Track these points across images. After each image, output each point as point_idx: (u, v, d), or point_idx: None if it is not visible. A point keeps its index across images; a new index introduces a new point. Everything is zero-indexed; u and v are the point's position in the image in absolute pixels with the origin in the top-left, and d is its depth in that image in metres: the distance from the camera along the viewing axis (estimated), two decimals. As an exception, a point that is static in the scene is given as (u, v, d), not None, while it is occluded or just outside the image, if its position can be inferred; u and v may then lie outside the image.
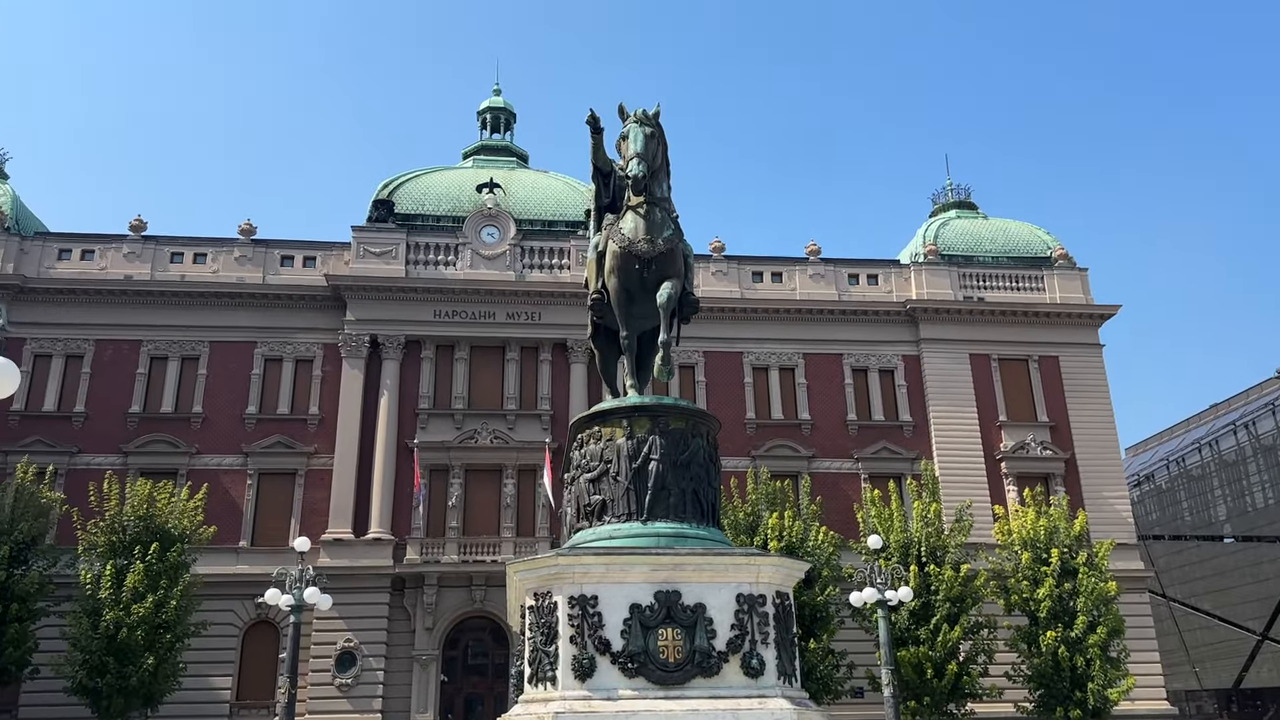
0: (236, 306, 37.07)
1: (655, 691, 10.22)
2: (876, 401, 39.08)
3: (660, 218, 13.10)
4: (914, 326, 40.00)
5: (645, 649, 10.33)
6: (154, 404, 35.84)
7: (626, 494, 11.53)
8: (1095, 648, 29.03)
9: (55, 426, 35.02)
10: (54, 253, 37.06)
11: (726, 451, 36.04)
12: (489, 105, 45.66)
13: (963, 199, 45.90)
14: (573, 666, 10.23)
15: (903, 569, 29.52)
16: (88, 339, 36.14)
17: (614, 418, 12.02)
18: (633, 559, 10.71)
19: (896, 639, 29.24)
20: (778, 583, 10.99)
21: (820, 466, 37.70)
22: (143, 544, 27.08)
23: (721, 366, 38.61)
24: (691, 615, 10.52)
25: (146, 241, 37.64)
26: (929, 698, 28.85)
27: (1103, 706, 28.91)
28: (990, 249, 42.60)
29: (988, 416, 39.03)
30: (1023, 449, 38.57)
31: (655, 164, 13.17)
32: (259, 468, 35.48)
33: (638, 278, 12.90)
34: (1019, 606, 30.59)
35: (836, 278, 40.58)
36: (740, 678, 10.42)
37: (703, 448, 12.06)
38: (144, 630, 26.20)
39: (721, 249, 40.29)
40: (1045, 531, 30.92)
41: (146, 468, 34.23)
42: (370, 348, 36.51)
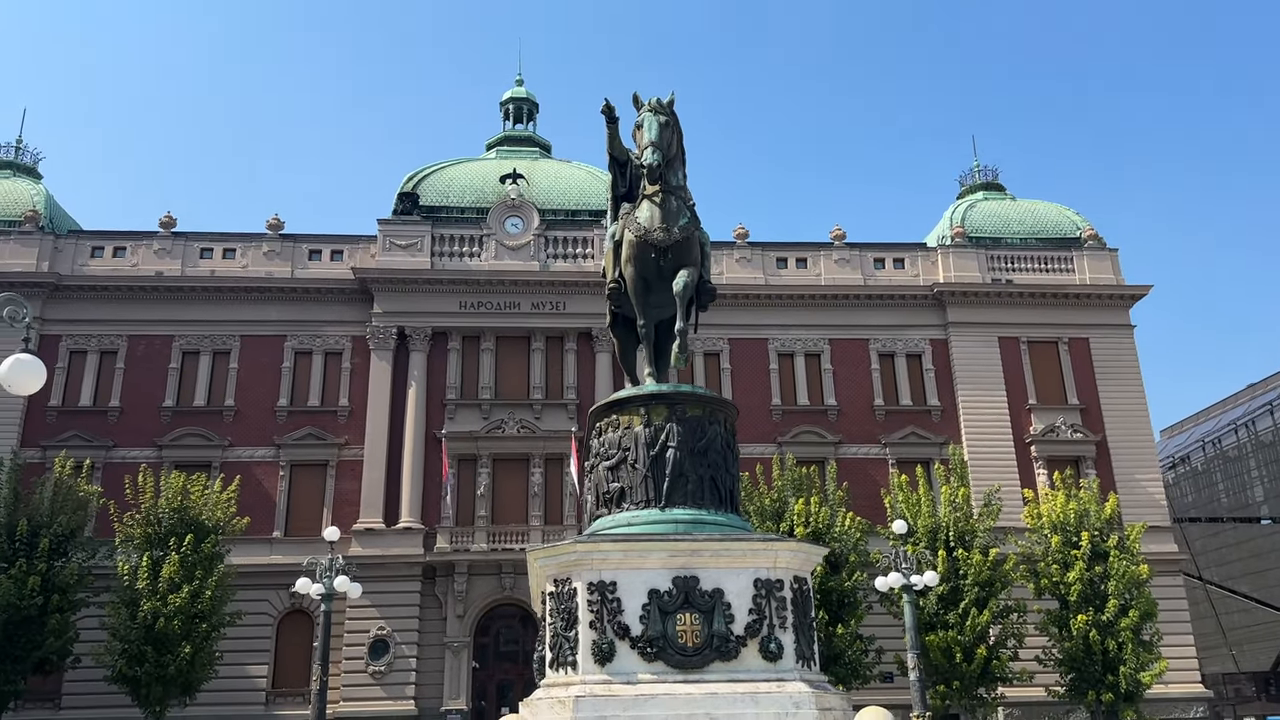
0: (266, 300, 37.51)
1: (674, 675, 10.34)
2: (904, 386, 38.91)
3: (676, 206, 13.14)
4: (941, 310, 39.76)
5: (664, 634, 10.44)
6: (187, 398, 36.39)
7: (645, 481, 11.62)
8: (1127, 631, 28.85)
9: (91, 421, 35.66)
10: (87, 250, 37.66)
11: (752, 438, 36.77)
12: (511, 96, 45.81)
13: (990, 180, 45.48)
14: (592, 651, 10.36)
15: (930, 554, 29.61)
16: (121, 335, 36.73)
17: (631, 406, 12.12)
18: (650, 545, 10.82)
19: (925, 623, 29.26)
20: (795, 567, 11.05)
21: (847, 452, 37.65)
22: (178, 536, 27.56)
23: (747, 353, 38.60)
24: (709, 600, 10.61)
25: (176, 238, 38.17)
26: (958, 682, 28.81)
27: (1135, 690, 28.74)
28: (1018, 230, 42.22)
29: (1017, 400, 38.75)
30: (1053, 432, 38.27)
31: (670, 153, 13.21)
32: (291, 459, 35.95)
33: (654, 266, 12.96)
34: (1049, 590, 30.44)
35: (862, 262, 40.40)
36: (758, 661, 10.51)
37: (720, 434, 12.12)
38: (180, 620, 26.69)
39: (745, 235, 40.23)
40: (1075, 515, 30.72)
41: (181, 460, 34.78)
42: (398, 339, 36.85)
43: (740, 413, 37.50)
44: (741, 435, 37.12)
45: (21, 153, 41.14)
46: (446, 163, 42.00)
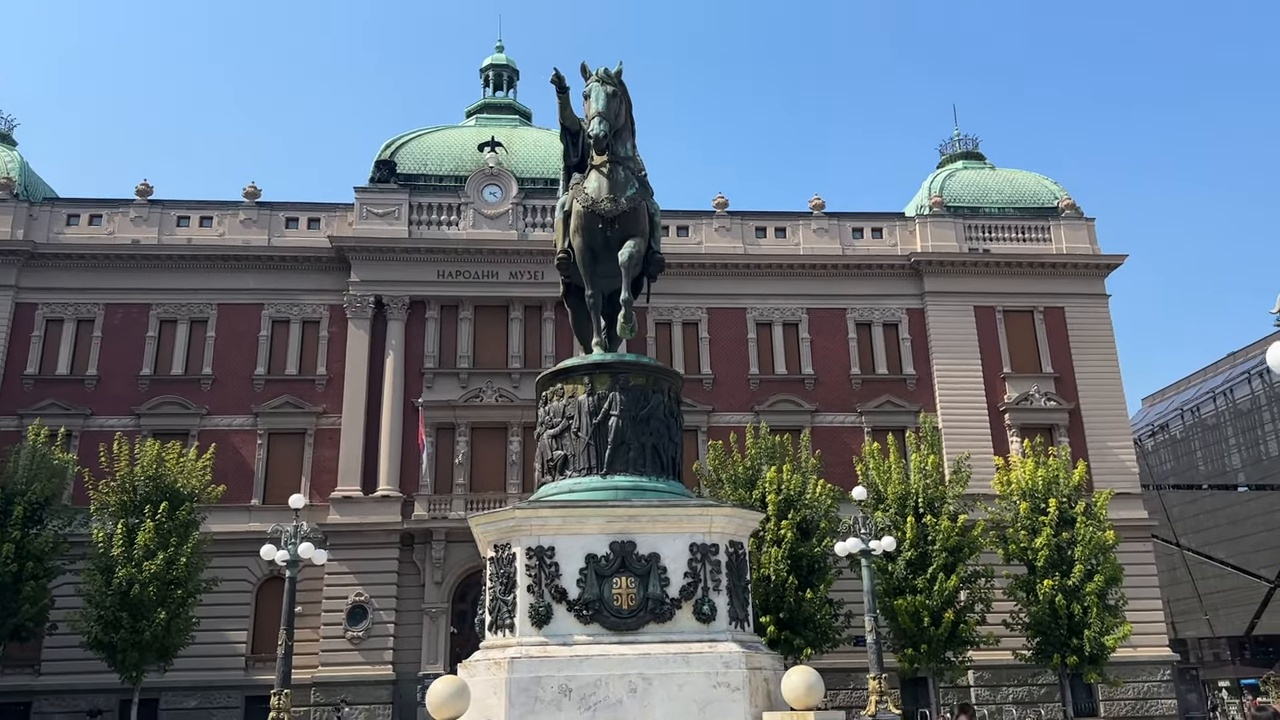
0: (243, 269, 37.50)
1: (609, 637, 10.59)
2: (880, 355, 39.14)
3: (624, 176, 13.25)
4: (918, 279, 39.92)
5: (600, 597, 10.69)
6: (164, 366, 36.46)
7: (587, 449, 11.84)
8: (1092, 595, 29.26)
9: (68, 389, 35.75)
10: (62, 218, 37.56)
11: (730, 407, 37.16)
12: (491, 63, 45.58)
13: (970, 149, 45.52)
14: (530, 614, 10.60)
15: (900, 520, 29.98)
16: (98, 303, 36.72)
17: (576, 375, 12.30)
18: (588, 511, 11.04)
19: (895, 588, 29.74)
20: (731, 532, 11.28)
21: (823, 421, 37.94)
22: (153, 503, 27.75)
23: (725, 322, 38.76)
24: (646, 564, 10.84)
25: (153, 206, 38.08)
26: (926, 645, 29.26)
27: (1099, 653, 29.21)
28: (996, 200, 42.31)
29: (992, 368, 39.02)
30: (1026, 400, 38.58)
31: (618, 123, 13.29)
32: (269, 428, 36.11)
33: (601, 237, 13.09)
34: (1017, 556, 30.85)
35: (840, 232, 40.48)
36: (692, 623, 10.76)
37: (663, 403, 12.31)
38: (155, 586, 26.92)
39: (725, 205, 40.26)
40: (1044, 482, 31.07)
41: (158, 429, 34.89)
42: (375, 308, 36.91)
43: (718, 382, 37.90)
44: (719, 404, 37.68)
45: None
46: (425, 130, 41.87)
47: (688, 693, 10.22)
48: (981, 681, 34.95)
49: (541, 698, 10.10)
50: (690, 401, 37.32)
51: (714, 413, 37.25)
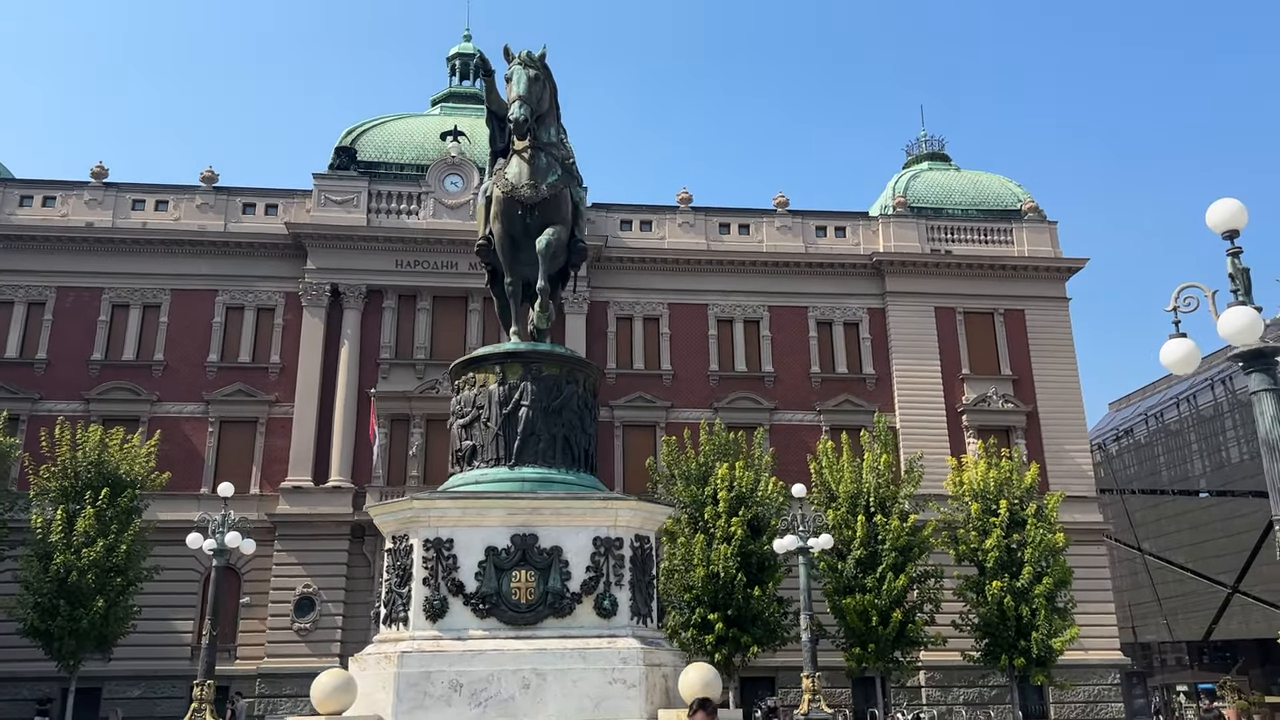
0: (198, 254, 37.02)
1: (506, 631, 10.39)
2: (840, 354, 39.09)
3: (545, 163, 13.02)
4: (880, 279, 39.89)
5: (498, 590, 10.48)
6: (116, 351, 35.95)
7: (495, 439, 11.62)
8: (1040, 598, 29.32)
9: (17, 373, 35.19)
10: (15, 199, 36.97)
11: (689, 403, 36.99)
12: (458, 51, 45.19)
13: (936, 150, 45.55)
14: (424, 608, 10.39)
15: (852, 518, 29.93)
16: (50, 286, 36.17)
17: (487, 364, 12.08)
18: (489, 503, 10.83)
19: (843, 587, 29.70)
20: (636, 526, 11.10)
21: (782, 419, 37.84)
22: (94, 489, 27.33)
23: (686, 318, 38.59)
24: (547, 558, 10.64)
25: (108, 189, 37.53)
26: (874, 644, 29.22)
27: (1046, 655, 29.27)
28: (960, 201, 42.33)
29: (951, 369, 39.04)
30: (984, 402, 38.64)
31: (541, 108, 13.05)
32: (220, 415, 35.68)
33: (521, 224, 12.86)
34: (967, 556, 30.88)
35: (804, 230, 40.39)
36: (593, 618, 10.58)
37: (577, 394, 12.11)
38: (95, 574, 26.53)
39: (689, 200, 40.05)
40: (995, 483, 31.10)
41: (108, 415, 34.37)
42: (331, 297, 36.53)
43: (678, 378, 37.65)
44: (679, 400, 37.41)
45: (-50, 98, 40.08)
46: (388, 117, 41.48)
47: (582, 689, 10.03)
48: (933, 682, 34.98)
49: (430, 693, 9.89)
50: (649, 397, 37.28)
51: (673, 409, 37.09)
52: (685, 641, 29.27)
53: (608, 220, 38.88)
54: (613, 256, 38.18)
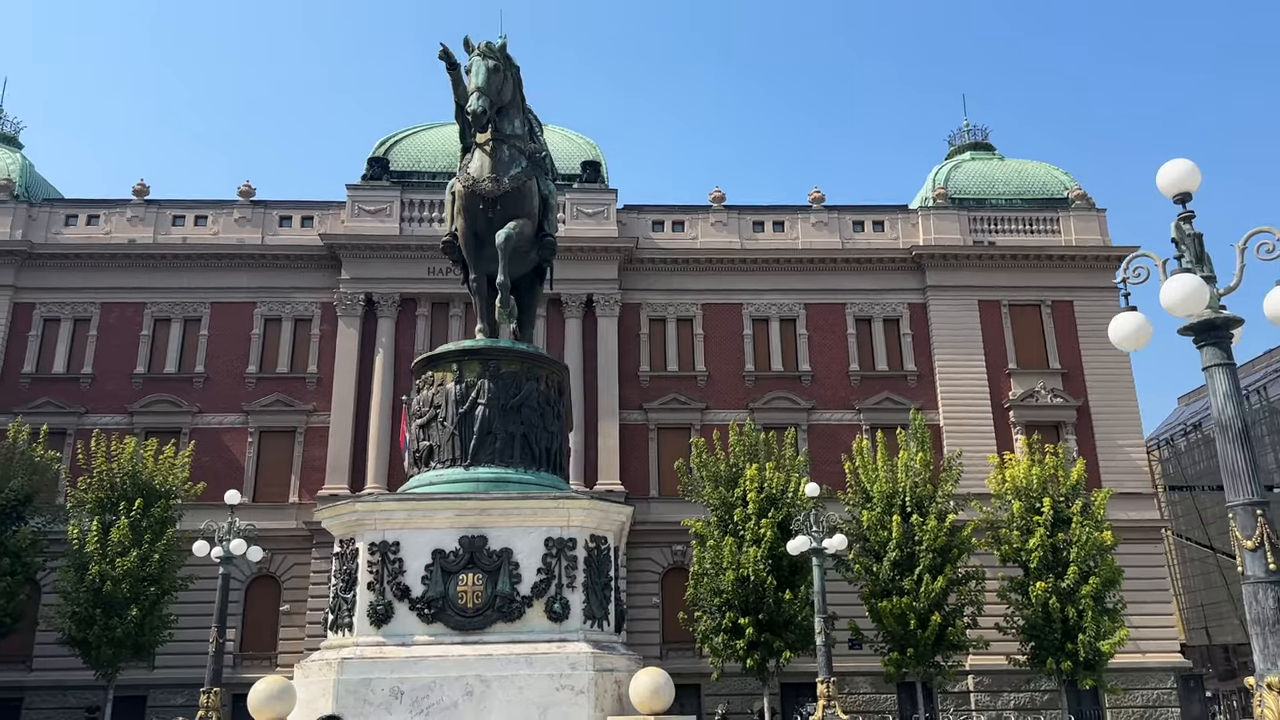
0: (236, 267, 37.56)
1: (452, 637, 10.08)
2: (880, 351, 38.17)
3: (508, 155, 12.71)
4: (920, 274, 38.89)
5: (445, 594, 10.18)
6: (158, 365, 36.62)
7: (452, 439, 11.35)
8: (1088, 598, 28.18)
9: (64, 388, 36.04)
10: (61, 219, 37.91)
11: (725, 404, 36.42)
12: (491, 60, 45.23)
13: (979, 140, 44.32)
14: (368, 613, 10.13)
15: (888, 518, 29.09)
16: (94, 302, 36.99)
17: (445, 362, 11.81)
18: (436, 504, 10.54)
19: (880, 590, 28.87)
20: (592, 526, 10.71)
21: (820, 418, 37.07)
22: (128, 500, 27.78)
23: (720, 318, 38.04)
24: (496, 560, 10.31)
25: (149, 205, 38.28)
26: (913, 649, 28.34)
27: (1094, 658, 28.12)
28: (1004, 191, 41.10)
29: (996, 364, 37.86)
30: (1032, 397, 37.38)
31: (503, 99, 12.75)
32: (259, 425, 36.11)
33: (484, 219, 12.57)
34: (1010, 557, 29.85)
35: (840, 226, 39.57)
36: (544, 622, 10.22)
37: (537, 391, 11.76)
38: (129, 583, 26.92)
39: (721, 199, 39.52)
40: (1039, 480, 30.00)
41: (151, 427, 35.04)
42: (365, 306, 36.77)
43: (712, 379, 37.08)
44: (714, 401, 36.88)
45: (2, 122, 41.36)
46: (420, 127, 41.69)
47: (528, 695, 9.67)
48: (981, 687, 33.87)
49: (370, 700, 9.61)
50: (684, 399, 36.81)
51: (708, 410, 36.56)
52: (716, 647, 28.75)
53: (638, 221, 38.56)
54: (644, 258, 37.83)
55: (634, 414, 36.29)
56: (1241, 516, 6.95)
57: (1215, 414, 7.35)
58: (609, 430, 35.43)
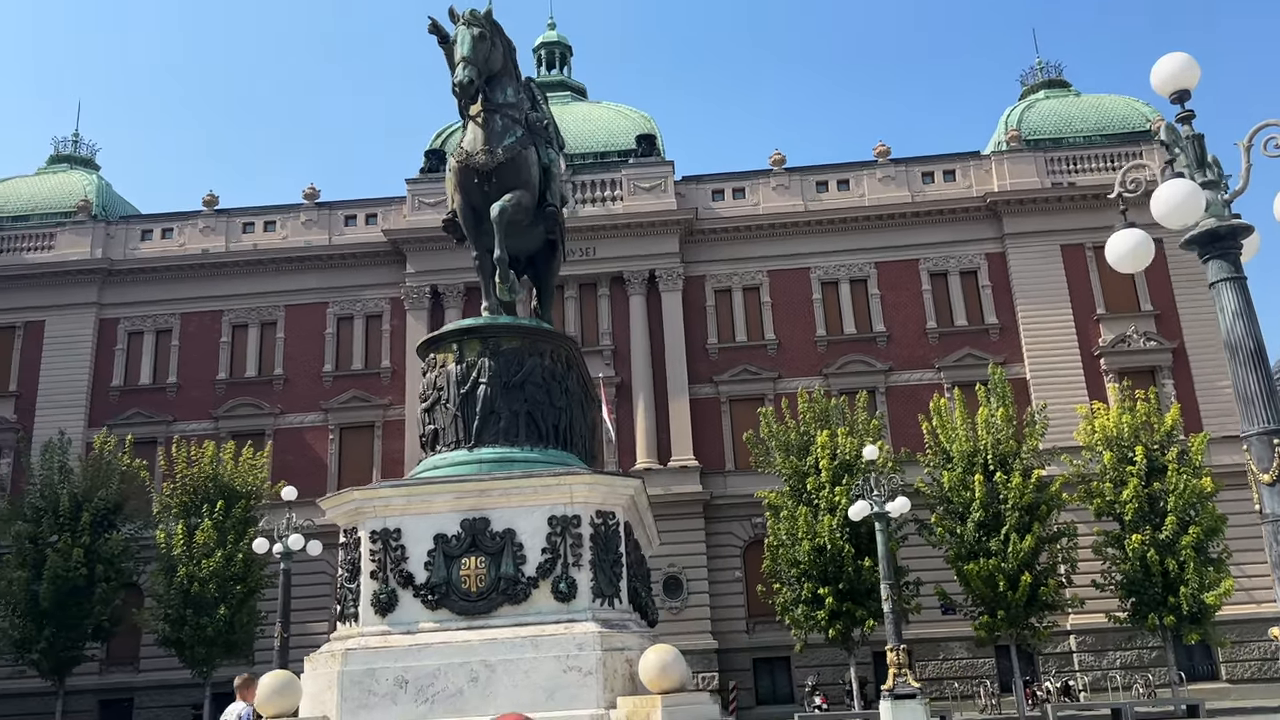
0: (306, 269, 38.21)
1: (457, 622, 9.82)
2: (958, 306, 36.79)
3: (502, 125, 12.32)
4: (997, 221, 37.31)
5: (448, 580, 9.92)
6: (239, 369, 37.55)
7: (455, 421, 11.05)
8: (1188, 549, 26.73)
9: (152, 398, 37.24)
10: (137, 234, 39.12)
11: (796, 372, 35.62)
12: (543, 41, 45.04)
13: (1054, 77, 42.26)
14: (373, 602, 9.93)
15: (969, 478, 28.04)
16: (174, 313, 38.10)
17: (445, 343, 11.52)
18: (435, 488, 10.28)
19: (966, 552, 27.90)
20: (597, 502, 10.30)
21: (899, 379, 35.96)
22: (210, 502, 28.53)
23: (788, 284, 37.14)
24: (498, 542, 10.00)
25: (219, 215, 39.21)
26: (1004, 611, 27.30)
27: (1199, 612, 26.66)
28: (1082, 129, 39.11)
29: (1083, 311, 36.13)
30: (1123, 342, 35.56)
31: (492, 67, 12.35)
32: (339, 423, 36.74)
33: (479, 193, 12.20)
34: (1104, 511, 28.51)
35: (909, 178, 38.20)
36: (551, 603, 9.88)
37: (541, 366, 11.38)
38: (215, 583, 27.66)
39: (782, 161, 38.54)
40: (1130, 428, 28.53)
41: (236, 430, 35.96)
42: (432, 298, 37.01)
43: (783, 347, 36.33)
44: (786, 369, 36.21)
45: (79, 145, 42.88)
46: (475, 116, 41.64)
47: (534, 679, 9.35)
48: (1084, 646, 32.49)
49: (375, 691, 9.41)
50: (755, 369, 36.11)
51: (780, 379, 35.78)
52: (797, 618, 28.18)
53: (697, 192, 37.88)
54: (705, 229, 37.17)
55: (704, 388, 35.75)
56: (1257, 447, 6.16)
57: (1224, 334, 6.55)
58: (679, 406, 34.98)
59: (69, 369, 37.22)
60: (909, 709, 17.06)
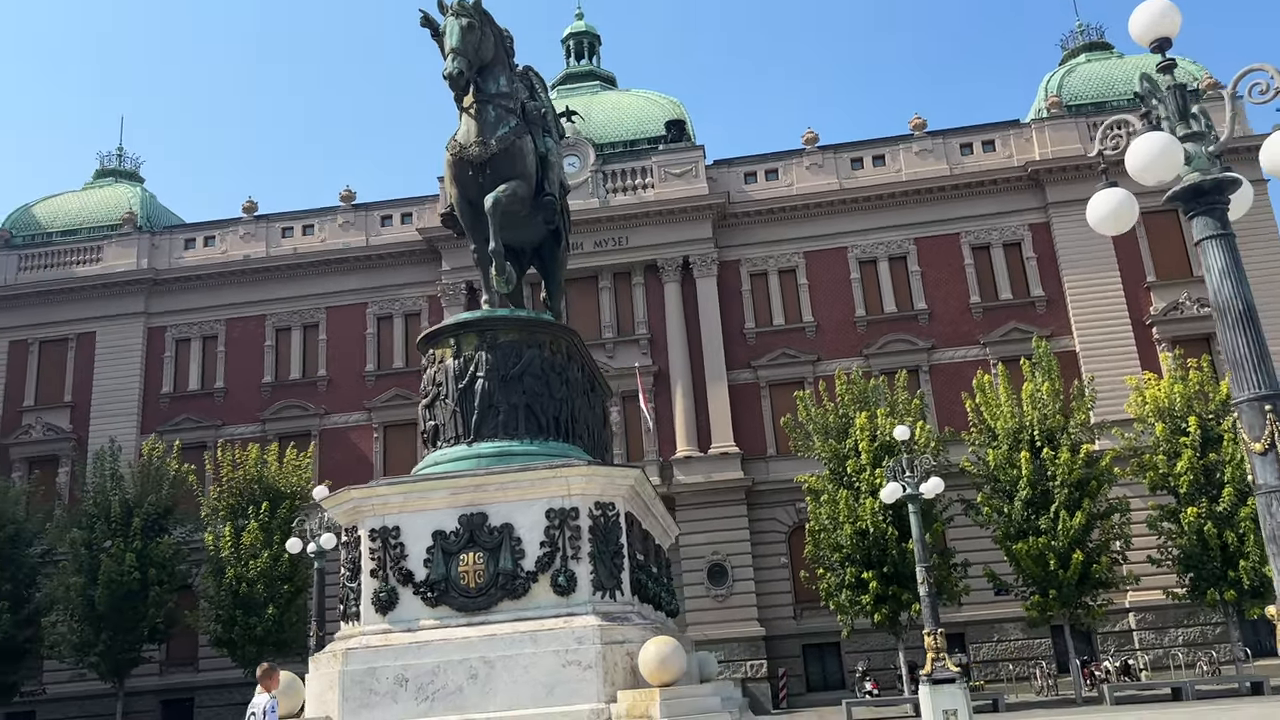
0: (346, 271, 38.56)
1: (458, 619, 9.73)
2: (1002, 279, 35.95)
3: (495, 116, 12.16)
4: (1040, 191, 36.37)
5: (447, 576, 9.84)
6: (283, 372, 38.04)
7: (454, 416, 10.98)
8: (1247, 521, 25.77)
9: (201, 404, 37.90)
10: (181, 244, 39.78)
11: (835, 353, 35.12)
12: (571, 31, 44.87)
13: (1095, 40, 40.99)
14: (373, 600, 9.89)
15: (1015, 455, 27.40)
16: (219, 319, 38.70)
17: (443, 338, 11.45)
18: (431, 485, 10.20)
19: (1014, 532, 27.27)
20: (595, 493, 10.13)
21: (942, 357, 35.28)
22: (256, 504, 28.94)
23: (825, 264, 36.59)
24: (496, 537, 9.89)
25: (259, 221, 39.71)
26: (1055, 590, 26.64)
27: (1261, 585, 25.70)
28: (1125, 91, 37.79)
29: (1133, 279, 35.09)
30: (1176, 310, 34.48)
31: (483, 57, 12.18)
32: (383, 421, 37.04)
33: (474, 185, 12.07)
34: (1158, 484, 27.66)
35: (947, 150, 37.38)
36: (550, 596, 9.76)
37: (539, 358, 11.24)
38: (263, 583, 28.06)
39: (815, 140, 37.94)
40: (1182, 399, 27.62)
41: (282, 432, 36.44)
42: (468, 294, 37.04)
43: (821, 329, 35.74)
44: (825, 351, 35.67)
45: (123, 159, 43.73)
46: (506, 110, 41.65)
47: (534, 675, 9.24)
48: (1145, 624, 31.62)
49: (376, 690, 9.37)
50: (793, 352, 35.66)
51: (819, 362, 35.29)
52: (841, 603, 27.78)
53: (729, 175, 37.46)
54: (738, 212, 36.75)
55: (743, 373, 35.38)
56: (1247, 414, 5.77)
57: (1211, 294, 6.16)
58: (718, 393, 34.67)
59: (120, 378, 38.01)
60: (948, 694, 16.67)
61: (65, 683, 32.10)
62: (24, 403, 38.00)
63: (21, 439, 37.44)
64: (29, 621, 29.63)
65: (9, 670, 29.58)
